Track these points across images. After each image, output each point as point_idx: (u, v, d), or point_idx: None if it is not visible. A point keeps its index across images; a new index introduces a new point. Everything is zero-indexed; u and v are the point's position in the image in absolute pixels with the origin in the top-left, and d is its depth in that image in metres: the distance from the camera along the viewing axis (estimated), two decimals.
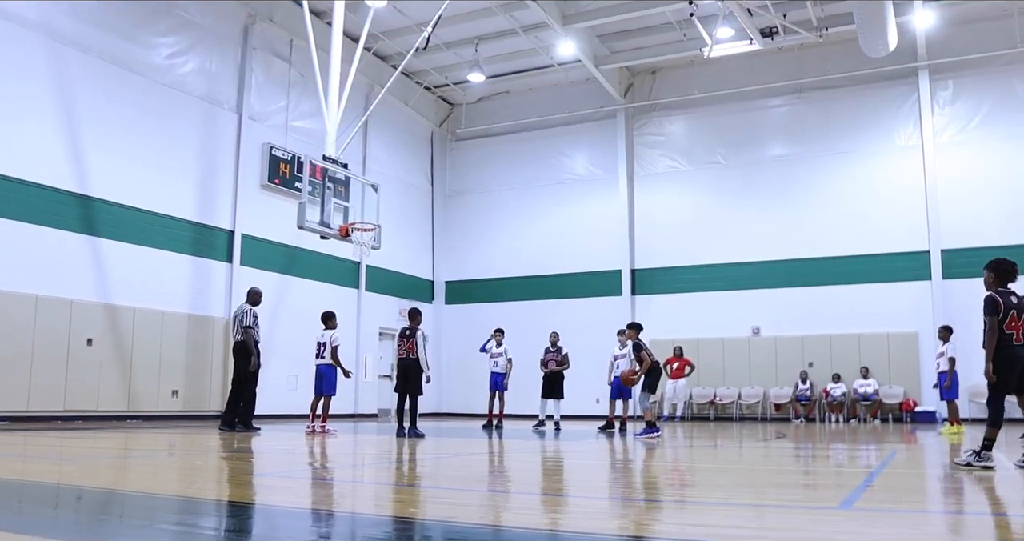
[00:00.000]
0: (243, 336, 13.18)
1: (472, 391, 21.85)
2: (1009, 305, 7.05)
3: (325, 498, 5.43)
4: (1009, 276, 7.25)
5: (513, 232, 24.97)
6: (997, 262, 7.30)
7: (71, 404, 14.84)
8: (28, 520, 4.28)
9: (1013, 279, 7.26)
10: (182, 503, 4.85)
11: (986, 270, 7.37)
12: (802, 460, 9.07)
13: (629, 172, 23.66)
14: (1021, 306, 7.10)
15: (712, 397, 21.66)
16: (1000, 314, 7.01)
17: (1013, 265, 7.28)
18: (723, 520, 4.38)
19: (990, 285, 7.28)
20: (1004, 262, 7.28)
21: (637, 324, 13.78)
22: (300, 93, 20.23)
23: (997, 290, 7.17)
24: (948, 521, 4.49)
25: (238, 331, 13.28)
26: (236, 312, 13.55)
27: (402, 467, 7.66)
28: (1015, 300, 7.11)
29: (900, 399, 19.82)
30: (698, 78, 22.79)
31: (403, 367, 12.38)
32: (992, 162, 19.95)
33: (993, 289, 7.22)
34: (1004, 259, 7.33)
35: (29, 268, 14.38)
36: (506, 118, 25.33)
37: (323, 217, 15.19)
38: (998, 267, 7.27)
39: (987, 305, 7.09)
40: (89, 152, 15.55)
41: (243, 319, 13.24)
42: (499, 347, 16.54)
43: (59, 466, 7.39)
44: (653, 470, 7.68)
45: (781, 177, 22.02)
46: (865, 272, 20.63)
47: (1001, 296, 7.09)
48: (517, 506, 5.10)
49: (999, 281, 7.24)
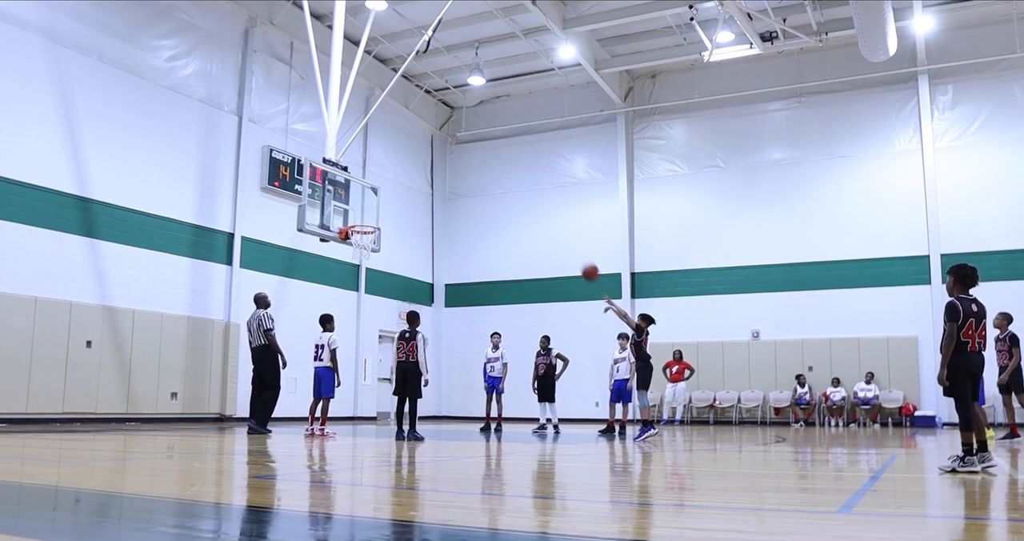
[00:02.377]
0: (266, 340, 13.18)
1: (471, 394, 21.85)
2: (968, 312, 7.07)
3: (323, 501, 5.42)
4: (969, 281, 7.26)
5: (513, 235, 24.98)
6: (958, 267, 7.32)
7: (70, 406, 14.83)
8: (27, 522, 4.27)
9: (973, 284, 7.28)
10: (180, 506, 4.84)
11: (948, 275, 7.40)
12: (801, 464, 9.06)
13: (629, 176, 23.67)
14: (980, 314, 7.12)
15: (712, 401, 21.66)
16: (959, 321, 7.03)
17: (974, 270, 7.30)
18: (722, 524, 4.37)
19: (951, 290, 7.29)
20: (964, 267, 7.30)
21: (648, 316, 13.45)
22: (300, 96, 20.25)
23: (958, 297, 7.18)
24: (948, 526, 4.48)
25: (259, 336, 13.25)
26: (253, 319, 13.41)
27: (401, 470, 7.66)
28: (975, 308, 7.12)
29: (900, 403, 19.81)
30: (698, 82, 22.80)
31: (402, 370, 12.38)
32: (992, 166, 19.97)
33: (954, 295, 7.23)
34: (965, 264, 7.34)
35: (29, 270, 14.38)
36: (506, 121, 25.35)
37: (323, 220, 15.20)
38: (959, 272, 7.29)
39: (948, 311, 7.10)
40: (89, 154, 15.56)
41: (262, 323, 13.22)
42: (495, 351, 16.51)
43: (58, 468, 7.38)
44: (652, 474, 7.68)
45: (781, 181, 22.03)
46: (865, 276, 20.63)
47: (961, 303, 7.11)
48: (515, 509, 5.10)
49: (960, 287, 7.24)
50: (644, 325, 13.17)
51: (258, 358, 13.36)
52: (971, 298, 7.22)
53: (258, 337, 13.25)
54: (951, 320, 7.06)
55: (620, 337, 15.26)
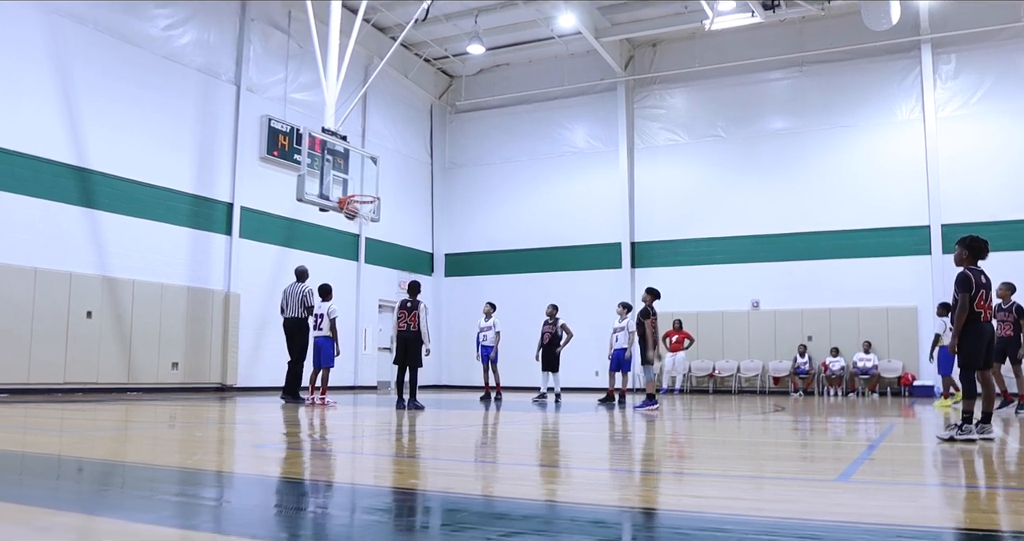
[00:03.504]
0: (306, 314, 13.50)
1: (471, 363, 21.84)
2: (980, 284, 7.14)
3: (324, 469, 5.45)
4: (981, 254, 7.32)
5: (513, 205, 24.93)
6: (971, 239, 7.35)
7: (71, 377, 14.89)
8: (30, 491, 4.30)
9: (984, 257, 7.35)
10: (182, 474, 4.87)
11: (958, 246, 7.41)
12: (800, 433, 9.11)
13: (629, 145, 23.57)
14: (989, 284, 7.22)
15: (711, 370, 21.74)
16: (972, 291, 7.06)
17: (986, 243, 7.35)
18: (721, 492, 4.40)
19: (962, 262, 7.33)
20: (977, 240, 7.33)
21: (654, 290, 13.30)
22: (299, 65, 20.11)
23: (969, 267, 7.22)
24: (945, 494, 4.51)
25: (297, 309, 13.50)
26: (295, 291, 13.66)
27: (402, 439, 7.69)
28: (984, 279, 7.20)
29: (899, 373, 19.89)
30: (699, 50, 22.63)
31: (403, 339, 12.39)
32: (994, 136, 19.88)
33: (965, 266, 7.25)
34: (977, 237, 7.38)
35: (28, 241, 14.36)
36: (506, 90, 25.19)
37: (322, 189, 15.17)
38: (972, 244, 7.32)
39: (960, 282, 7.15)
40: (87, 124, 15.47)
41: (306, 299, 13.51)
42: (488, 320, 16.50)
43: (60, 438, 7.41)
44: (652, 442, 7.72)
45: (782, 151, 21.95)
46: (865, 246, 20.61)
47: (973, 274, 7.15)
48: (516, 477, 5.13)
49: (971, 258, 7.29)
50: (650, 299, 13.10)
51: (291, 329, 13.60)
52: (980, 269, 7.25)
53: (296, 310, 13.51)
54: (964, 291, 7.09)
55: (620, 306, 15.26)
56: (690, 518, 3.54)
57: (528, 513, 3.67)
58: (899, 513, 3.62)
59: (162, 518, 3.43)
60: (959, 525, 3.45)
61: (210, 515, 3.57)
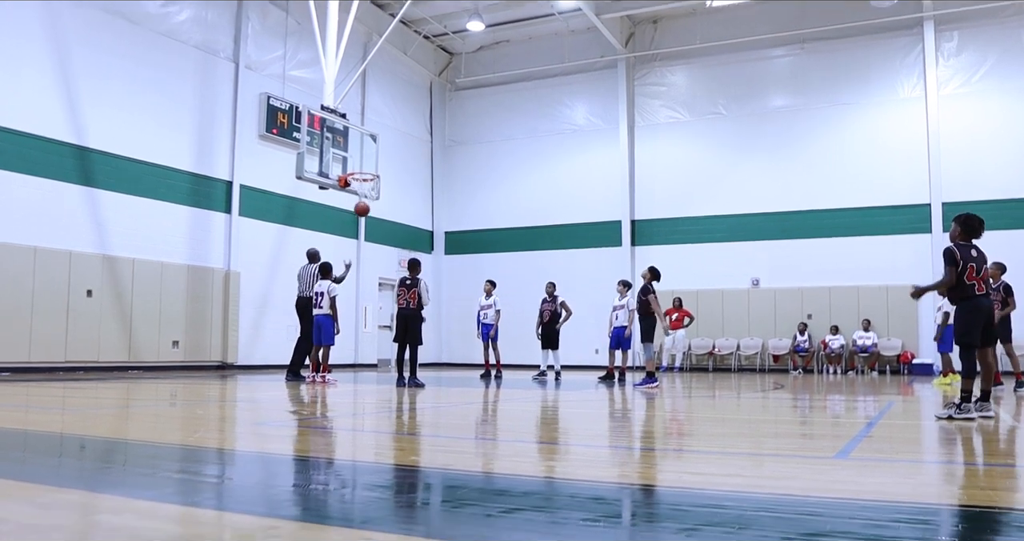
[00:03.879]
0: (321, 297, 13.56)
1: (471, 341, 21.91)
2: (967, 258, 7.21)
3: (325, 446, 5.47)
4: (975, 232, 7.39)
5: (513, 183, 24.88)
6: (966, 217, 7.44)
7: (72, 355, 14.93)
8: (33, 468, 4.32)
9: (978, 235, 7.42)
10: (184, 452, 4.89)
11: (954, 223, 7.50)
12: (799, 411, 9.15)
13: (629, 123, 23.49)
14: (981, 259, 7.25)
15: (711, 348, 21.78)
16: (959, 266, 7.13)
17: (981, 222, 7.41)
18: (720, 469, 4.42)
19: (954, 238, 7.41)
20: (972, 218, 7.42)
21: (655, 269, 13.34)
22: (297, 42, 20.00)
23: (958, 243, 7.28)
24: (943, 471, 4.53)
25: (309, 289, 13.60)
26: (305, 272, 13.84)
27: (402, 416, 7.72)
28: (974, 254, 7.25)
29: (898, 351, 19.94)
30: (700, 27, 22.48)
31: (403, 317, 12.42)
32: (996, 114, 19.80)
33: (955, 242, 7.31)
34: (972, 215, 7.44)
35: (27, 220, 14.36)
36: (506, 68, 25.07)
37: (322, 167, 15.13)
38: (967, 222, 7.40)
39: (946, 256, 7.25)
40: (85, 102, 15.42)
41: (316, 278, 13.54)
42: (488, 298, 16.52)
43: (62, 416, 7.44)
44: (651, 420, 7.74)
45: (783, 128, 21.88)
46: (866, 224, 20.59)
47: (960, 249, 7.25)
48: (516, 454, 5.15)
49: (964, 236, 7.36)
50: (651, 277, 13.13)
51: (301, 309, 13.79)
52: (970, 245, 7.30)
53: (306, 290, 13.67)
54: (950, 265, 7.22)
55: (620, 284, 15.28)
56: (690, 495, 3.55)
57: (528, 490, 3.69)
58: (897, 490, 3.64)
59: (164, 495, 3.44)
60: (956, 502, 3.47)
61: (212, 492, 3.59)
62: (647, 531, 2.87)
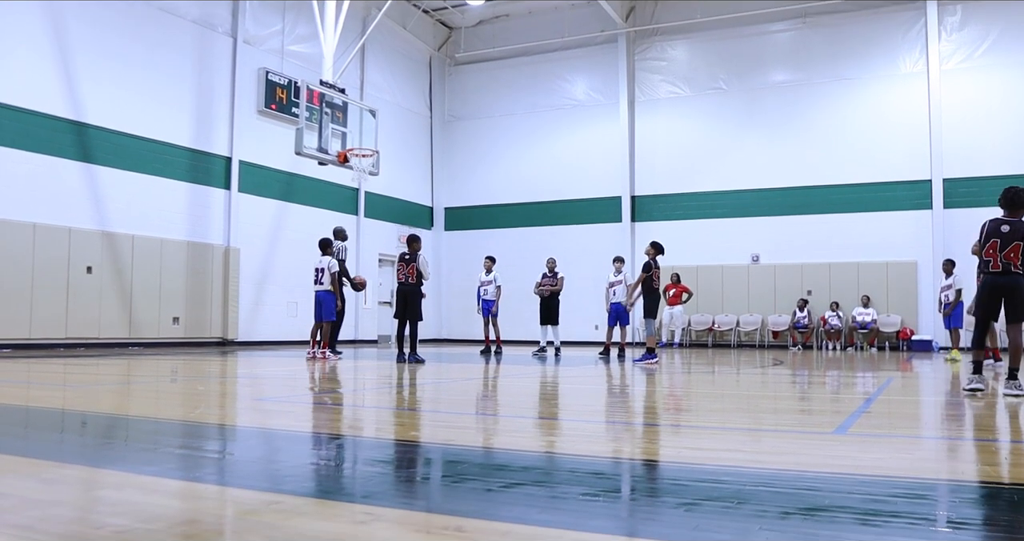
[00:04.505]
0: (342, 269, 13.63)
1: (471, 317, 21.96)
2: (992, 232, 7.06)
3: (326, 422, 5.49)
4: (1012, 205, 7.16)
5: (513, 158, 24.81)
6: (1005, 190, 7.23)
7: (73, 332, 14.95)
8: (35, 444, 4.35)
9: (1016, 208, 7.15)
10: (185, 427, 4.91)
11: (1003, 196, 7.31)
12: (799, 387, 9.17)
13: (630, 98, 23.38)
14: (1009, 236, 7.04)
15: (710, 324, 21.81)
16: (981, 239, 7.07)
17: (1015, 194, 7.15)
18: (719, 444, 4.44)
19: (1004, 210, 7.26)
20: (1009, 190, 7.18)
21: (659, 244, 13.24)
22: (296, 16, 19.85)
23: (994, 218, 7.18)
24: (941, 446, 4.55)
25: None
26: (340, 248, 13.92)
27: (402, 392, 7.75)
28: (1005, 229, 7.06)
29: (897, 328, 19.97)
30: (701, 2, 22.32)
31: (402, 293, 12.43)
32: (998, 90, 19.70)
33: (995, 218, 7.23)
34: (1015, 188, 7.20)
35: (26, 196, 14.33)
36: (505, 42, 24.91)
37: (321, 143, 15.09)
38: (1003, 196, 7.21)
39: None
40: (82, 78, 15.33)
41: (338, 253, 13.67)
42: (489, 274, 16.52)
43: (63, 392, 7.47)
44: (650, 395, 7.77)
45: (783, 103, 21.78)
46: (866, 200, 20.55)
47: (991, 222, 7.11)
48: (515, 429, 5.17)
49: (1007, 210, 7.17)
50: (654, 253, 13.04)
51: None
52: (1005, 219, 7.14)
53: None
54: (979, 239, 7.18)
55: (615, 260, 15.29)
56: (688, 469, 3.57)
57: (528, 464, 3.71)
58: (895, 465, 3.66)
59: (165, 470, 3.46)
60: (954, 477, 3.48)
61: (213, 467, 3.61)
62: (647, 506, 2.89)
